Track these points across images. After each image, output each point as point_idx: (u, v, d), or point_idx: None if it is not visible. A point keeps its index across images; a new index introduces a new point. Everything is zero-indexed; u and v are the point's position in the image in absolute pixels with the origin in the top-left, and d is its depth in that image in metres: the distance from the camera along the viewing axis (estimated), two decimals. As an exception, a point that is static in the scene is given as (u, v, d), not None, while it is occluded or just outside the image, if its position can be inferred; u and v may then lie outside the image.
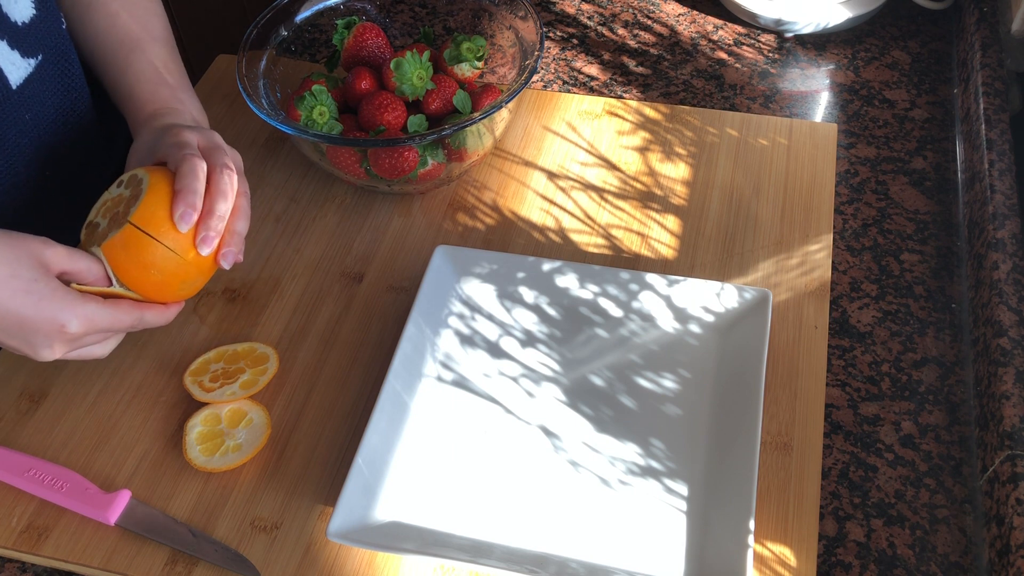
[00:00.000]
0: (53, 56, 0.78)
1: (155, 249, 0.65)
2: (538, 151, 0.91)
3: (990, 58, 0.90)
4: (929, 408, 0.72)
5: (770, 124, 0.91)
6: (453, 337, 0.77)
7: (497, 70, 0.90)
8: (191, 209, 0.65)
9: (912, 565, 0.65)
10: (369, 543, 0.63)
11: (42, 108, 0.78)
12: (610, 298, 0.77)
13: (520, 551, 0.65)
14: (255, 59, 0.86)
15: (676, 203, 0.86)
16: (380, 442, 0.69)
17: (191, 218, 0.65)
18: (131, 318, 0.67)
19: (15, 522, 0.69)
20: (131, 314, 0.67)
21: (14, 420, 0.74)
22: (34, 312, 0.62)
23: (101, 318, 0.65)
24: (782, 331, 0.76)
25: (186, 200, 0.65)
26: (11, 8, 0.74)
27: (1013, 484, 0.62)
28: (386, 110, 0.82)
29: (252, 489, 0.70)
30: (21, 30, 0.75)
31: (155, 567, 0.66)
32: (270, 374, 0.74)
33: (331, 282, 0.82)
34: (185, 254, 0.66)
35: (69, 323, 0.63)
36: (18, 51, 0.75)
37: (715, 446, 0.69)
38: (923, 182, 0.87)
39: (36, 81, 0.77)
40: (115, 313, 0.66)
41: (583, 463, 0.69)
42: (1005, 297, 0.72)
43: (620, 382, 0.73)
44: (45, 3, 0.77)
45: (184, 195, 0.66)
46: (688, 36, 1.03)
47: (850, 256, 0.82)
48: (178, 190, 0.66)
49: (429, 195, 0.88)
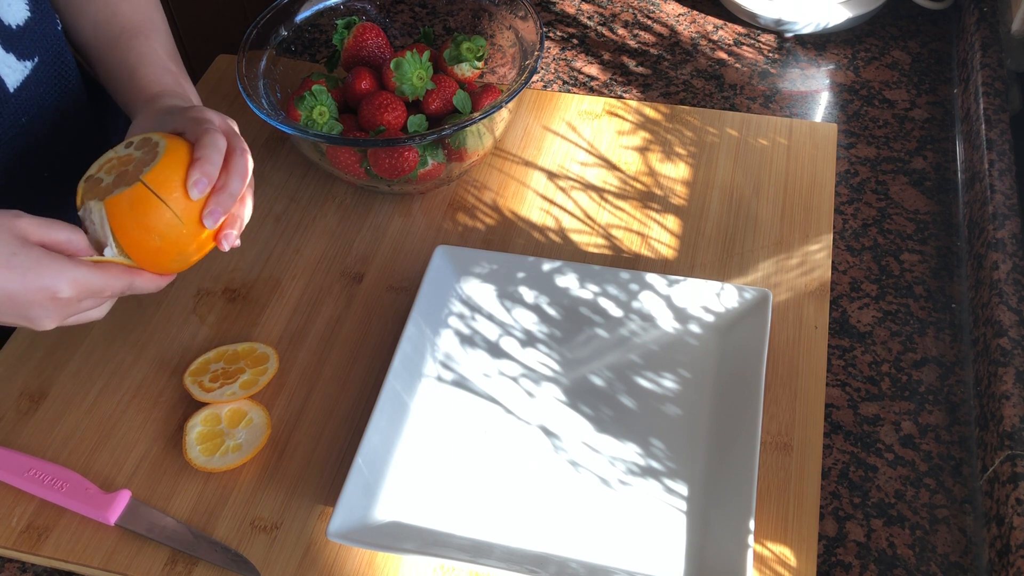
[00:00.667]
0: (49, 58, 0.78)
1: (161, 213, 0.63)
2: (538, 151, 0.91)
3: (990, 58, 0.90)
4: (929, 408, 0.72)
5: (770, 124, 0.91)
6: (453, 337, 0.77)
7: (497, 70, 0.90)
8: (206, 178, 0.64)
9: (912, 565, 0.65)
10: (369, 543, 0.63)
11: (39, 110, 0.78)
12: (610, 298, 0.77)
13: (520, 551, 0.65)
14: (255, 59, 0.86)
15: (676, 203, 0.86)
16: (380, 442, 0.69)
17: (204, 187, 0.64)
18: (122, 283, 0.64)
19: (15, 522, 0.69)
20: (121, 279, 0.64)
21: (14, 420, 0.74)
22: (21, 286, 0.60)
23: (91, 280, 0.62)
24: (782, 331, 0.76)
25: (203, 169, 0.64)
26: (4, 11, 0.74)
27: (1013, 484, 0.62)
28: (386, 110, 0.82)
29: (252, 489, 0.70)
30: (15, 33, 0.75)
31: (155, 567, 0.66)
32: (270, 374, 0.74)
33: (331, 282, 0.82)
34: (189, 224, 0.64)
35: (60, 289, 0.61)
36: (14, 54, 0.75)
37: (715, 446, 0.69)
38: (923, 182, 0.87)
39: (33, 83, 0.77)
40: (105, 277, 0.63)
41: (583, 463, 0.69)
42: (1005, 297, 0.72)
43: (620, 382, 0.73)
44: (39, 5, 0.77)
45: (202, 164, 0.64)
46: (688, 36, 1.03)
47: (850, 256, 0.82)
48: (197, 158, 0.65)
49: (429, 195, 0.88)
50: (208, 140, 0.65)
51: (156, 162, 0.64)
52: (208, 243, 0.67)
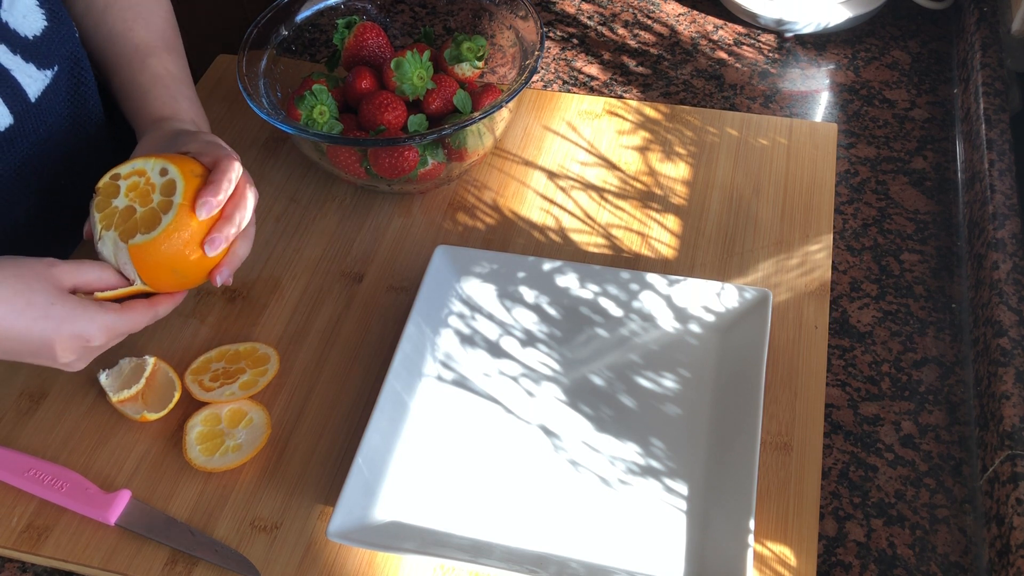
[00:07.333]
0: (68, 66, 0.79)
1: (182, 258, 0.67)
2: (538, 151, 0.91)
3: (990, 58, 0.90)
4: (929, 408, 0.72)
5: (770, 124, 0.91)
6: (453, 337, 0.77)
7: (497, 70, 0.90)
8: (214, 202, 0.66)
9: (912, 565, 0.65)
10: (369, 543, 0.63)
11: (57, 118, 0.79)
12: (610, 298, 0.77)
13: (520, 551, 0.65)
14: (255, 59, 0.86)
15: (676, 203, 0.86)
16: (380, 442, 0.69)
17: (212, 209, 0.66)
18: (147, 318, 0.69)
19: (15, 522, 0.69)
20: (146, 314, 0.68)
21: (14, 420, 0.74)
22: (56, 334, 0.64)
23: (121, 325, 0.67)
24: (782, 331, 0.76)
25: (213, 192, 0.66)
26: (20, 23, 0.74)
27: (1013, 484, 0.62)
28: (386, 110, 0.82)
29: (252, 489, 0.70)
30: (32, 43, 0.75)
31: (155, 567, 0.66)
32: (270, 375, 0.74)
33: (331, 282, 0.82)
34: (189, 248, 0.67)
35: (94, 338, 0.65)
36: (33, 64, 0.75)
37: (715, 446, 0.69)
38: (923, 182, 0.87)
39: (52, 92, 0.77)
40: (133, 317, 0.67)
41: (583, 463, 0.69)
42: (1005, 297, 0.72)
43: (620, 382, 0.73)
44: (57, 14, 0.77)
45: (213, 186, 0.66)
46: (688, 36, 1.03)
47: (850, 256, 0.82)
48: (211, 181, 0.67)
49: (429, 195, 0.88)
50: (227, 165, 0.68)
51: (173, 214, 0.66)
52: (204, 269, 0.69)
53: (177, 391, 0.73)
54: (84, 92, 0.81)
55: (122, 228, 0.66)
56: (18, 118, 0.75)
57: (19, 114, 0.75)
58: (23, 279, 0.63)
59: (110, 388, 0.73)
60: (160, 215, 0.66)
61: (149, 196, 0.67)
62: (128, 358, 0.75)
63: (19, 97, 0.74)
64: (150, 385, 0.74)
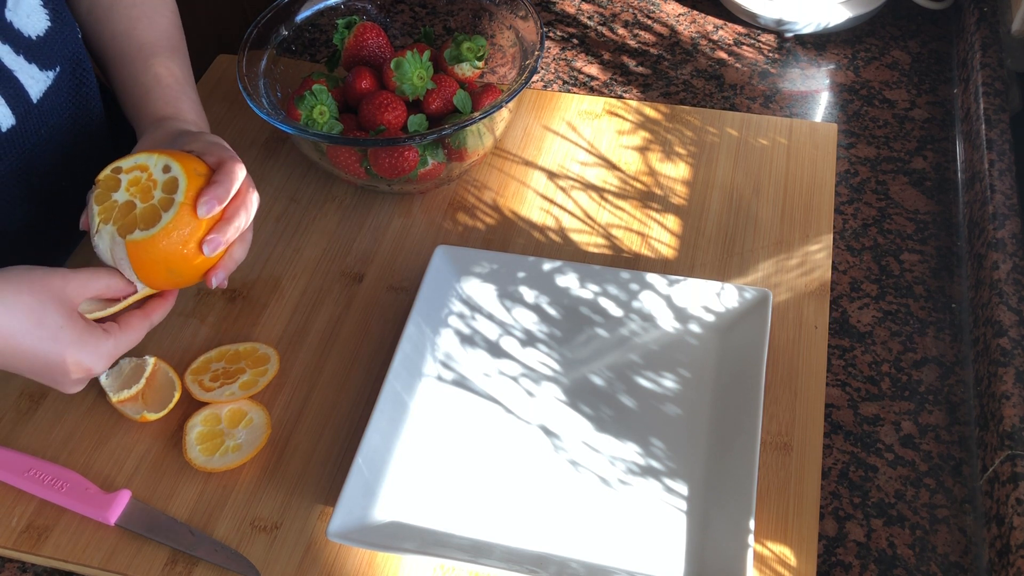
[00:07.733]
0: (70, 67, 0.79)
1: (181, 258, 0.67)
2: (538, 151, 0.91)
3: (990, 58, 0.90)
4: (929, 408, 0.72)
5: (770, 124, 0.91)
6: (453, 337, 0.77)
7: (497, 70, 0.90)
8: (217, 202, 0.66)
9: (912, 565, 0.65)
10: (369, 543, 0.63)
11: (59, 119, 0.79)
12: (610, 298, 0.77)
13: (520, 551, 0.65)
14: (255, 59, 0.86)
15: (676, 203, 0.86)
16: (380, 442, 0.69)
17: (214, 209, 0.66)
18: (143, 330, 0.69)
19: (15, 522, 0.69)
20: (142, 327, 0.69)
21: (14, 420, 0.74)
22: (60, 359, 0.64)
23: (121, 347, 0.67)
24: (782, 331, 0.76)
25: (216, 193, 0.66)
26: (23, 23, 0.74)
27: (1013, 484, 0.62)
28: (386, 110, 0.82)
29: (252, 489, 0.70)
30: (35, 44, 0.75)
31: (155, 567, 0.66)
32: (270, 375, 0.74)
33: (331, 282, 0.82)
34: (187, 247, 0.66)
35: (95, 366, 0.66)
36: (36, 64, 0.75)
37: (715, 446, 0.69)
38: (923, 182, 0.87)
39: (54, 93, 0.77)
40: (131, 335, 0.68)
41: (583, 463, 0.69)
42: (1005, 297, 0.72)
43: (620, 382, 0.73)
44: (60, 14, 0.77)
45: (217, 187, 0.66)
46: (688, 36, 1.03)
47: (850, 256, 0.82)
48: (215, 180, 0.67)
49: (429, 195, 0.88)
50: (232, 167, 0.68)
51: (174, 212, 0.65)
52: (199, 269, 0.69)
53: (177, 391, 0.73)
54: (86, 93, 0.81)
55: (121, 223, 0.66)
56: (20, 119, 0.75)
57: (21, 115, 0.75)
58: (36, 295, 0.63)
59: (110, 388, 0.73)
60: (160, 212, 0.65)
61: (150, 192, 0.66)
62: (128, 358, 0.75)
63: (21, 98, 0.75)
64: (150, 385, 0.74)
